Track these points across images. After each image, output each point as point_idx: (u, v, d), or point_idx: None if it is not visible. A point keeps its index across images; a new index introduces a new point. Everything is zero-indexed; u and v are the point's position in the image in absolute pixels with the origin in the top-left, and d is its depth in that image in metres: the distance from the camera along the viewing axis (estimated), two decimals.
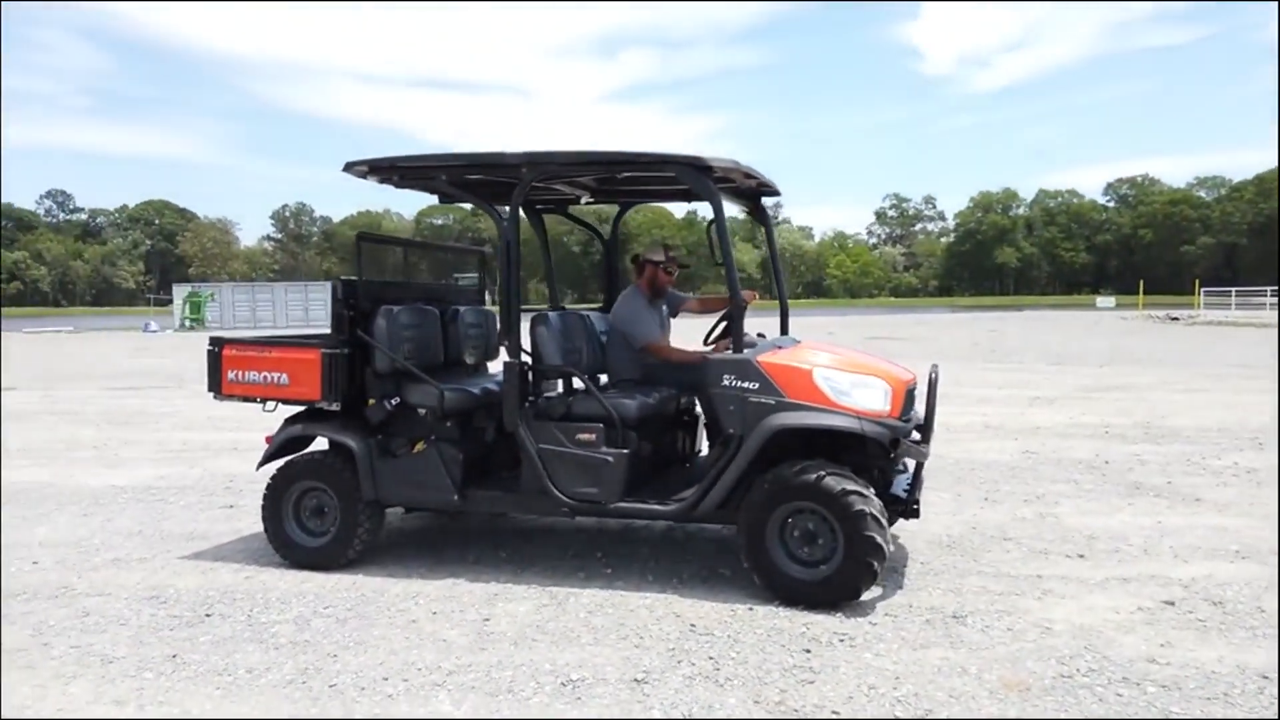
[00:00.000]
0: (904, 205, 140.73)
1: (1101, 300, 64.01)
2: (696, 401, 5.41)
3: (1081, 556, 5.08)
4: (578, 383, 5.07)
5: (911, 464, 5.09)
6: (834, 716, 3.21)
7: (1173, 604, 4.30)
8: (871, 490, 4.25)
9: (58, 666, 3.70)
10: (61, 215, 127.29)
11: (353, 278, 5.13)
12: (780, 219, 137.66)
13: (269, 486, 5.09)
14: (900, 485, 4.80)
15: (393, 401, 4.98)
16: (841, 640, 3.91)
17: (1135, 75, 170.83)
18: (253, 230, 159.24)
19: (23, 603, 4.49)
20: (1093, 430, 9.44)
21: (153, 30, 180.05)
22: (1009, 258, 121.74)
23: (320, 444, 5.24)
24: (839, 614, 4.20)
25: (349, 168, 5.00)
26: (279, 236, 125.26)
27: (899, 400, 4.48)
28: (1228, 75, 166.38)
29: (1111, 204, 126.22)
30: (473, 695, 3.41)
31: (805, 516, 4.29)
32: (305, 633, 4.06)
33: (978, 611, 4.22)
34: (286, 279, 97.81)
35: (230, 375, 5.17)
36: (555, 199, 6.00)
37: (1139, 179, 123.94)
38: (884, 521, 4.21)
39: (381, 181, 5.16)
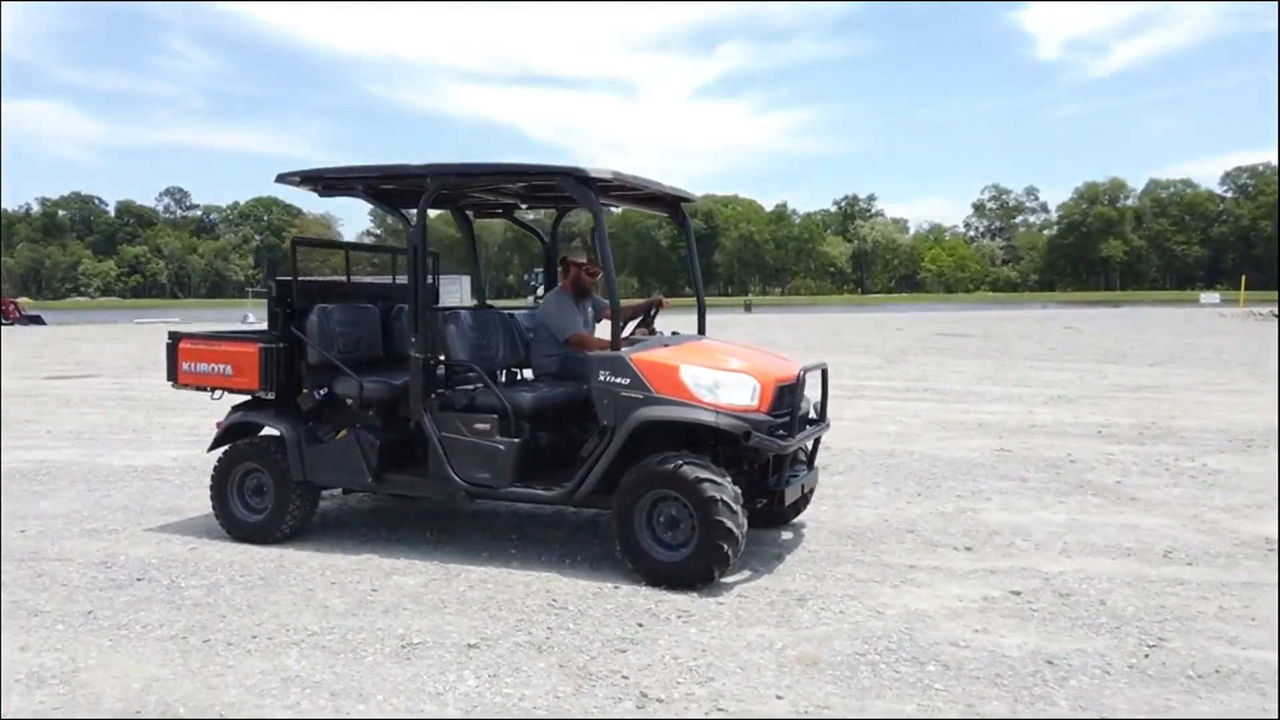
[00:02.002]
0: (1004, 197, 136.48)
1: (1205, 296, 60.95)
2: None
3: (969, 549, 5.22)
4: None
5: (804, 458, 5.34)
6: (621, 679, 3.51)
7: (1019, 594, 4.43)
8: (728, 479, 4.50)
9: None
10: (179, 211, 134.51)
11: (288, 278, 5.61)
12: (873, 212, 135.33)
13: (215, 468, 5.63)
14: (786, 478, 5.06)
15: (320, 392, 5.45)
16: (679, 616, 4.20)
17: (1257, 59, 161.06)
18: (354, 225, 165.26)
19: None
20: (1087, 430, 9.35)
21: (268, 33, 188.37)
22: (1115, 251, 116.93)
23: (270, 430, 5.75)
24: (695, 593, 4.48)
25: (281, 178, 5.51)
26: (377, 231, 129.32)
27: (768, 396, 4.72)
28: None
29: (1229, 194, 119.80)
30: (319, 654, 3.83)
31: (668, 503, 4.58)
32: (212, 596, 4.56)
33: (825, 596, 4.45)
34: (383, 272, 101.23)
35: (185, 366, 5.72)
36: (494, 205, 6.38)
37: (1259, 168, 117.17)
38: (737, 508, 4.46)
39: (311, 189, 5.61)
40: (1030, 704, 3.28)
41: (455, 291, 46.80)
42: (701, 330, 5.97)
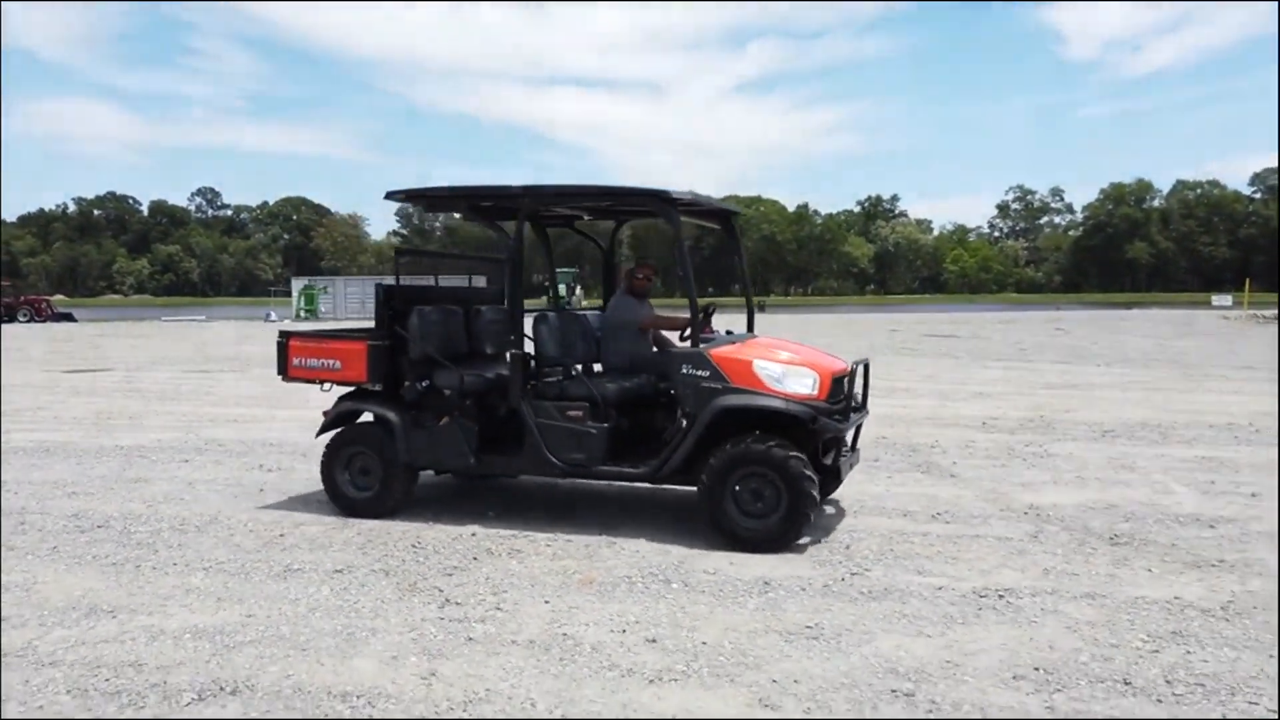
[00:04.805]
0: (1029, 197, 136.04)
1: (1217, 299, 60.82)
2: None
3: None
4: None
5: (849, 439, 6.08)
6: (440, 594, 4.63)
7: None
8: (806, 458, 5.27)
9: None
10: (210, 211, 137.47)
11: (392, 283, 6.47)
12: (897, 212, 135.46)
13: (325, 450, 6.32)
14: (834, 457, 5.79)
15: (422, 383, 6.15)
16: (509, 554, 5.31)
17: None
18: (381, 225, 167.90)
19: None
20: (973, 421, 10.30)
21: (306, 36, 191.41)
22: (1140, 252, 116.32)
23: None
24: (530, 533, 5.58)
25: (390, 196, 6.33)
26: (404, 231, 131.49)
27: (825, 386, 5.45)
28: None
29: (1258, 195, 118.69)
30: (219, 575, 4.97)
31: (753, 479, 5.28)
32: (153, 539, 5.73)
33: (637, 544, 5.53)
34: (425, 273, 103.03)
35: (295, 362, 6.43)
36: (561, 217, 7.18)
37: None
38: (816, 482, 5.26)
39: (416, 206, 6.58)
40: (736, 606, 4.35)
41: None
42: (750, 329, 6.61)
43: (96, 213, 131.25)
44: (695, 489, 5.53)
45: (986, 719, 3.26)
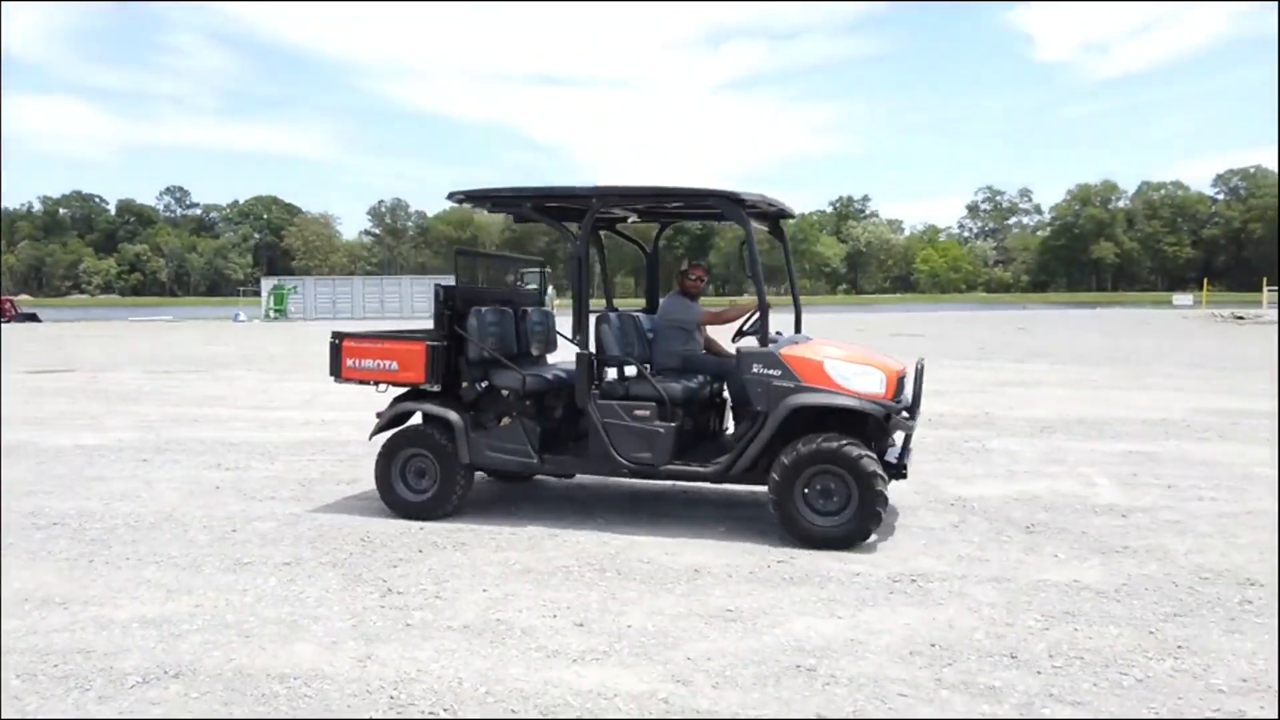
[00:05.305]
0: (998, 198, 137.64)
1: (1179, 298, 62.13)
2: (725, 387, 6.53)
3: (697, 502, 6.54)
4: (630, 369, 6.26)
5: (901, 436, 6.09)
6: (383, 583, 4.83)
7: (725, 525, 5.76)
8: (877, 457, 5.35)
9: None
10: (179, 210, 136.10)
11: (451, 283, 6.40)
12: (868, 213, 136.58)
13: (380, 454, 6.20)
14: (891, 454, 5.82)
15: (481, 384, 6.22)
16: (454, 546, 5.52)
17: (1251, 63, 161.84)
18: (354, 224, 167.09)
19: None
20: (930, 419, 10.58)
21: (279, 33, 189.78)
22: (1106, 252, 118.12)
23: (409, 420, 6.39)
24: (477, 526, 5.79)
25: (451, 196, 6.27)
26: (376, 231, 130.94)
27: (891, 385, 5.53)
28: None
29: (1221, 197, 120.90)
30: (171, 568, 5.15)
31: (824, 477, 5.33)
32: (107, 535, 5.88)
33: (578, 534, 5.76)
34: (383, 273, 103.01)
35: (349, 363, 6.25)
36: (608, 219, 7.07)
37: (1251, 170, 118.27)
38: (887, 481, 5.33)
39: (476, 206, 6.52)
40: (665, 592, 4.59)
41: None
42: (798, 330, 6.64)
43: (62, 211, 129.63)
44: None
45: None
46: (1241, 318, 41.12)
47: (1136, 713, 3.30)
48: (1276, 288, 42.08)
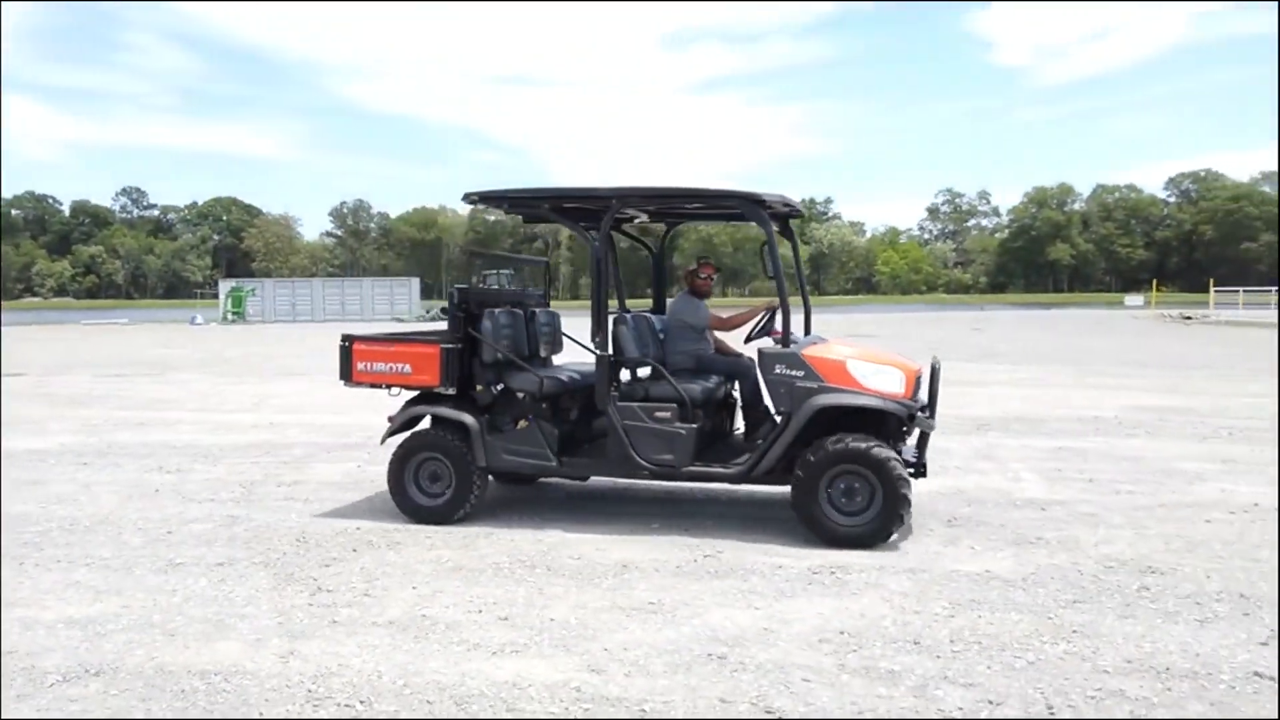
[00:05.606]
0: (957, 200, 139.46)
1: (1130, 299, 63.55)
2: (735, 387, 6.54)
3: (620, 499, 6.67)
4: (643, 370, 6.24)
5: (916, 433, 5.96)
6: (316, 582, 4.89)
7: (649, 522, 5.88)
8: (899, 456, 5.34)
9: None
10: (135, 211, 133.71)
11: (465, 285, 6.37)
12: (830, 215, 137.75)
13: (393, 458, 6.11)
14: (908, 452, 5.82)
15: (496, 387, 6.16)
16: (389, 545, 5.58)
17: (1217, 65, 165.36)
18: (316, 225, 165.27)
19: None
20: None
21: (237, 32, 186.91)
22: (1062, 254, 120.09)
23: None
24: (413, 525, 5.86)
25: (467, 198, 6.17)
26: (338, 232, 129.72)
27: (910, 384, 5.58)
28: None
29: (1173, 199, 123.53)
30: (103, 570, 5.16)
31: (846, 477, 5.34)
32: (40, 538, 5.86)
33: (510, 532, 5.85)
34: (345, 274, 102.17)
35: (360, 366, 6.16)
36: (619, 219, 6.67)
37: (1201, 174, 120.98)
38: (910, 481, 5.35)
39: (492, 208, 6.43)
40: (591, 587, 4.70)
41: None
42: (808, 331, 6.59)
43: (14, 213, 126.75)
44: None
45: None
46: (1189, 318, 42.14)
47: (1023, 693, 3.47)
48: (1277, 288, 42.96)
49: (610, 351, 5.94)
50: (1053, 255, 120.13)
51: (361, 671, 3.75)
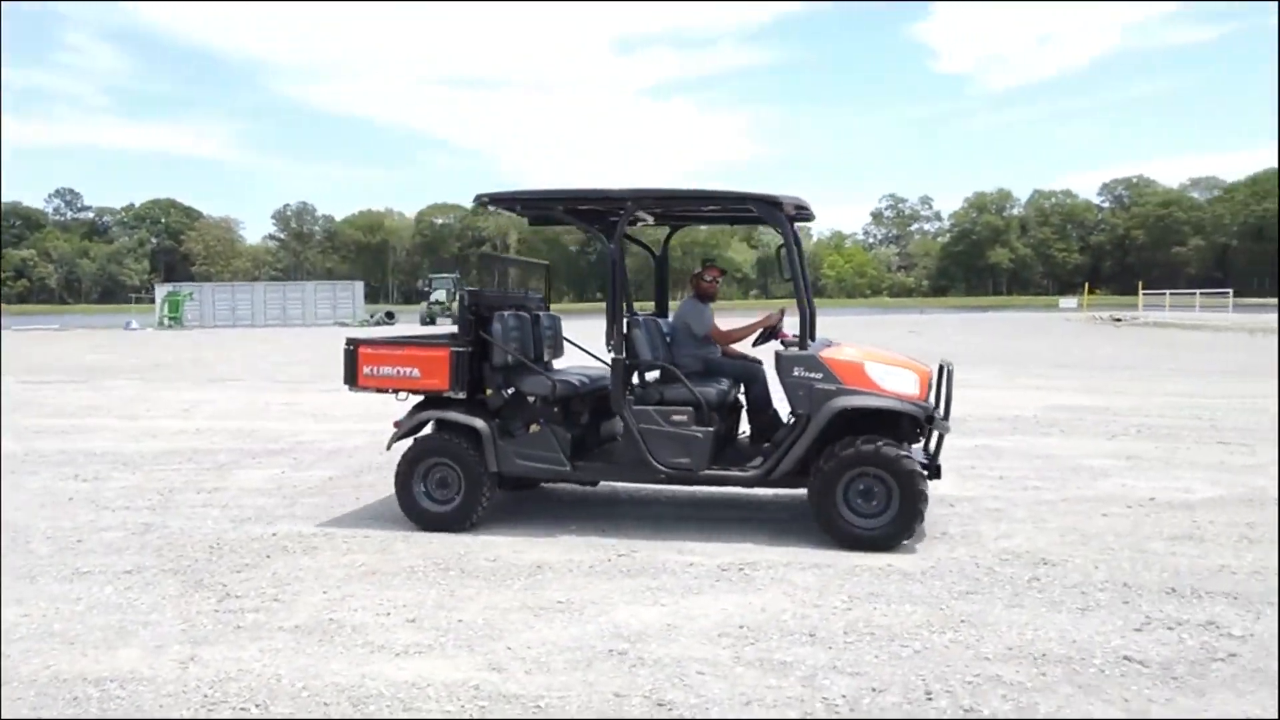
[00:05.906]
0: (900, 205, 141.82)
1: (1064, 302, 65.36)
2: (742, 390, 6.48)
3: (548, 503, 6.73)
4: (650, 374, 6.27)
5: (935, 435, 5.94)
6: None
7: (572, 530, 5.94)
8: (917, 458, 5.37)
9: None
10: (69, 214, 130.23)
11: (477, 289, 6.26)
12: None
13: (401, 463, 5.98)
14: (919, 454, 5.71)
15: (507, 391, 6.08)
16: (303, 550, 5.56)
17: (1150, 74, 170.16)
18: (259, 229, 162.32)
19: None
20: None
21: (176, 30, 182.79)
22: (1001, 258, 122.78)
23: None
24: (331, 529, 5.85)
25: (478, 199, 6.07)
26: (281, 235, 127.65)
27: (924, 386, 5.61)
28: (1235, 75, 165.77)
29: (1106, 205, 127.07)
30: (8, 579, 5.09)
31: (863, 479, 5.34)
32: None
33: (425, 535, 5.87)
34: (289, 278, 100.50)
35: (366, 370, 6.02)
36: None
37: (1134, 180, 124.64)
38: (928, 482, 5.38)
39: (503, 209, 6.35)
40: (503, 588, 4.74)
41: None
42: (812, 335, 6.21)
43: None
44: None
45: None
46: (1119, 320, 43.44)
47: (906, 680, 3.60)
48: (1278, 293, 44.24)
49: (624, 355, 5.90)
50: (992, 259, 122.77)
51: (261, 675, 3.75)
